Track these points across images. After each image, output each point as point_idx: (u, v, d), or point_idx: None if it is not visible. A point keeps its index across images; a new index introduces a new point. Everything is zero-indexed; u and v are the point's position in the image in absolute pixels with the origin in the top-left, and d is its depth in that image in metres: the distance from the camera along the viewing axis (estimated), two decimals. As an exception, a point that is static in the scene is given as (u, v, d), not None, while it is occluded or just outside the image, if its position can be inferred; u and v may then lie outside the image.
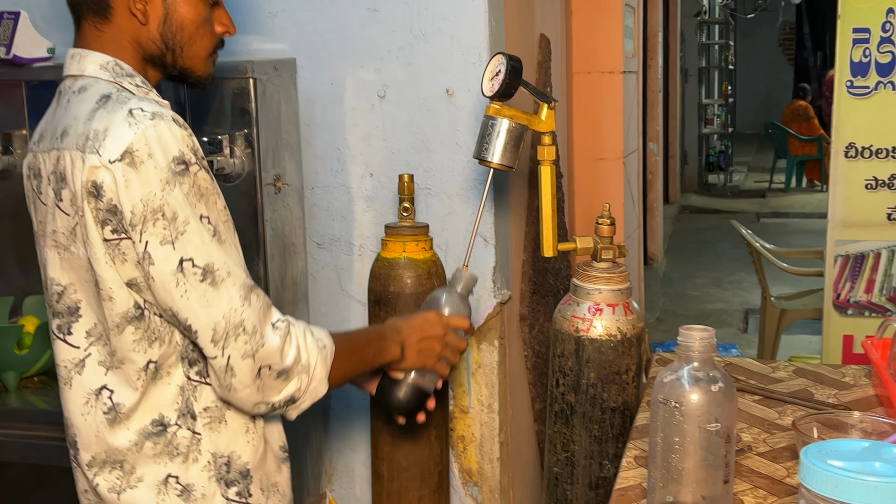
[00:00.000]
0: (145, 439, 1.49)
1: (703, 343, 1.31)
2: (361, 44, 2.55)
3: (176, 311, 1.40)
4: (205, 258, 1.39)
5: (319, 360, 1.49)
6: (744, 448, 1.68)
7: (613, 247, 1.98)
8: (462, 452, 2.64)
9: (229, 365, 1.41)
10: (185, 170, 1.38)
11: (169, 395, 1.49)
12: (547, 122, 1.85)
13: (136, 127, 1.37)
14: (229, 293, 1.40)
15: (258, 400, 1.45)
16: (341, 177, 2.62)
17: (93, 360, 1.50)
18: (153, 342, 1.46)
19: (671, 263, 8.51)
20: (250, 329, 1.41)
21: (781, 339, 5.16)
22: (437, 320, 1.76)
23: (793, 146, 11.97)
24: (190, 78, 1.58)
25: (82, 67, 1.50)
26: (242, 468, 1.55)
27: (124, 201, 1.36)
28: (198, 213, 1.39)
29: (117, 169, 1.36)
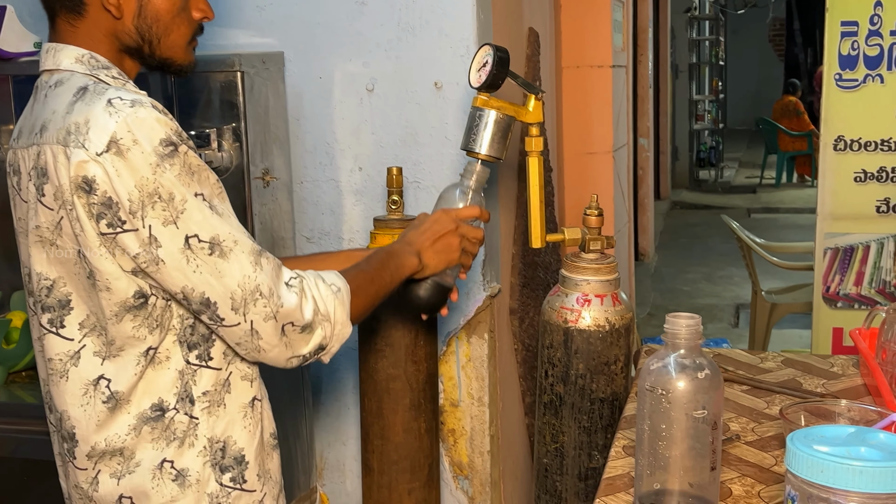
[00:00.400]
0: (143, 423, 1.50)
1: (690, 330, 1.31)
2: (349, 37, 2.54)
3: (192, 288, 1.41)
4: (209, 232, 1.41)
5: (337, 305, 1.52)
6: (732, 437, 1.69)
7: (601, 238, 1.98)
8: (452, 446, 2.64)
9: (254, 329, 1.45)
10: (173, 151, 1.39)
11: (168, 379, 1.50)
12: (535, 113, 1.85)
13: (118, 115, 1.37)
14: (240, 261, 1.42)
15: (290, 355, 1.49)
16: (330, 171, 2.61)
17: (88, 350, 1.50)
18: (154, 329, 1.47)
19: (662, 259, 8.52)
20: (266, 292, 1.44)
21: (773, 333, 5.18)
22: (445, 217, 1.77)
23: (783, 142, 12.00)
24: (171, 68, 1.58)
25: (58, 61, 1.51)
26: (238, 454, 1.56)
27: (119, 191, 1.36)
28: (192, 191, 1.40)
29: (106, 160, 1.36)
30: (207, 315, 1.45)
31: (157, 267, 1.41)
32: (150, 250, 1.39)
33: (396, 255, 1.71)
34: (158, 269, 1.41)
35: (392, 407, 2.23)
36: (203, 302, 1.43)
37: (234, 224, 1.46)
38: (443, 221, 1.77)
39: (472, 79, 1.82)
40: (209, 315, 1.44)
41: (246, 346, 1.47)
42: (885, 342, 1.83)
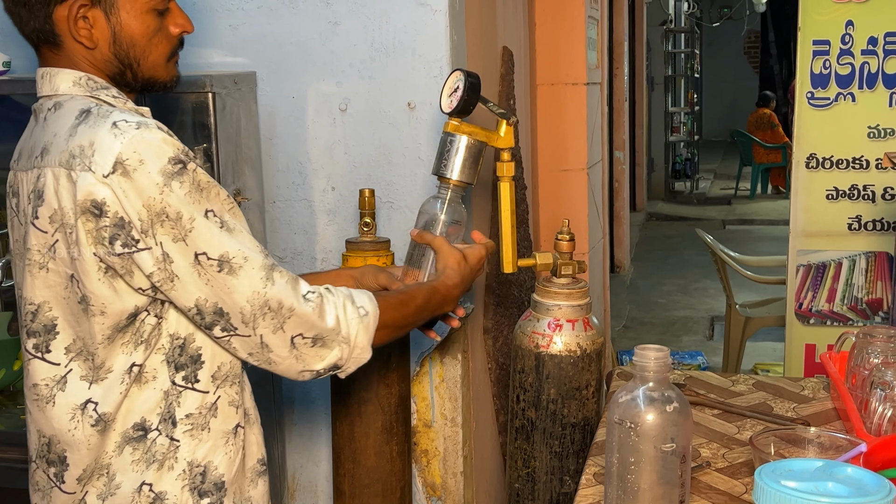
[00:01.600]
0: (126, 443, 1.49)
1: (658, 363, 1.31)
2: (322, 57, 2.54)
3: (205, 299, 1.42)
4: (218, 249, 1.41)
5: (361, 329, 1.52)
6: (702, 464, 1.69)
7: (573, 262, 1.98)
8: (426, 467, 2.63)
9: (263, 342, 1.46)
10: (182, 168, 1.39)
11: (152, 399, 1.49)
12: (506, 138, 1.85)
13: (123, 137, 1.38)
14: (249, 277, 1.43)
15: (301, 368, 1.49)
16: (303, 190, 2.60)
17: (74, 375, 1.49)
18: (139, 345, 1.47)
19: (638, 271, 8.55)
20: (276, 306, 1.44)
21: (747, 346, 5.21)
22: (485, 258, 1.80)
23: (758, 154, 12.08)
24: (155, 86, 1.58)
25: (55, 86, 1.51)
26: (217, 480, 1.54)
27: (129, 211, 1.37)
28: (202, 209, 1.40)
29: (113, 181, 1.36)
30: (221, 325, 1.45)
31: (172, 283, 1.41)
32: (166, 267, 1.40)
33: (444, 300, 1.71)
34: (174, 285, 1.41)
35: (363, 430, 2.21)
36: (217, 312, 1.43)
37: (246, 240, 1.46)
38: (484, 263, 1.81)
39: (443, 104, 1.82)
40: (223, 325, 1.45)
41: (258, 357, 1.48)
42: (855, 367, 1.84)
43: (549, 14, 3.66)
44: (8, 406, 2.20)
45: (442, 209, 1.81)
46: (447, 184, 1.81)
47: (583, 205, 3.80)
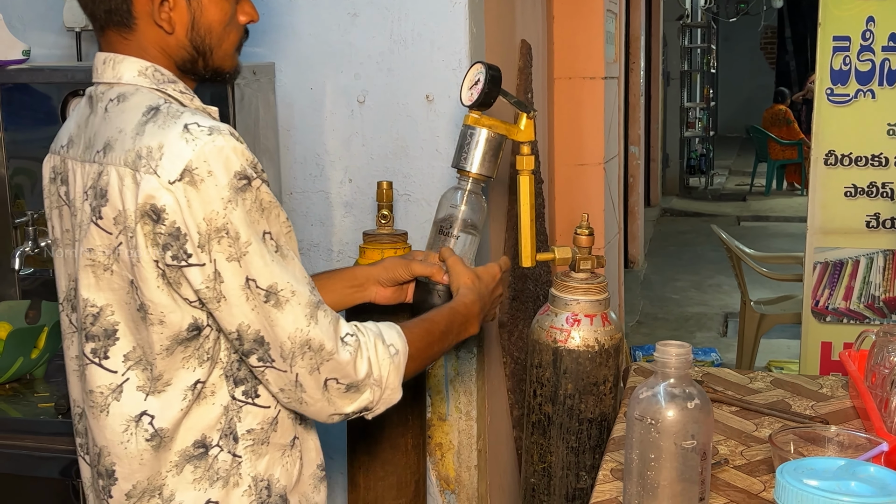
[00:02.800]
0: (186, 462, 1.43)
1: (680, 359, 1.30)
2: (341, 49, 2.53)
3: (248, 325, 1.35)
4: (267, 279, 1.34)
5: (392, 370, 1.46)
6: (720, 461, 1.68)
7: (592, 257, 1.97)
8: (440, 460, 2.63)
9: (298, 381, 1.39)
10: (247, 185, 1.33)
11: (212, 416, 1.43)
12: (526, 131, 1.84)
13: (194, 143, 1.31)
14: (294, 313, 1.36)
15: (331, 412, 1.43)
16: (320, 182, 2.60)
17: (131, 385, 1.42)
18: (204, 362, 1.41)
19: (652, 266, 8.53)
20: (316, 346, 1.38)
21: (761, 343, 5.19)
22: (500, 276, 1.75)
23: (773, 150, 12.03)
24: (221, 76, 1.52)
25: (118, 74, 1.43)
26: (282, 491, 1.50)
27: (189, 222, 1.30)
28: (260, 231, 1.34)
29: (178, 189, 1.30)
30: (258, 355, 1.38)
31: (218, 304, 1.35)
32: (215, 286, 1.33)
33: (465, 320, 1.65)
34: (219, 305, 1.35)
35: (378, 422, 2.20)
36: (257, 340, 1.37)
37: (297, 272, 1.39)
38: (500, 282, 1.75)
39: (463, 97, 1.81)
40: (260, 354, 1.38)
41: (289, 394, 1.41)
42: (875, 365, 1.83)
43: (568, 7, 3.64)
44: (25, 394, 2.20)
45: (462, 201, 1.80)
46: (467, 177, 1.80)
47: (599, 199, 3.79)
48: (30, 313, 2.36)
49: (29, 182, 2.44)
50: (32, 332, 2.21)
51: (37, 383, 2.27)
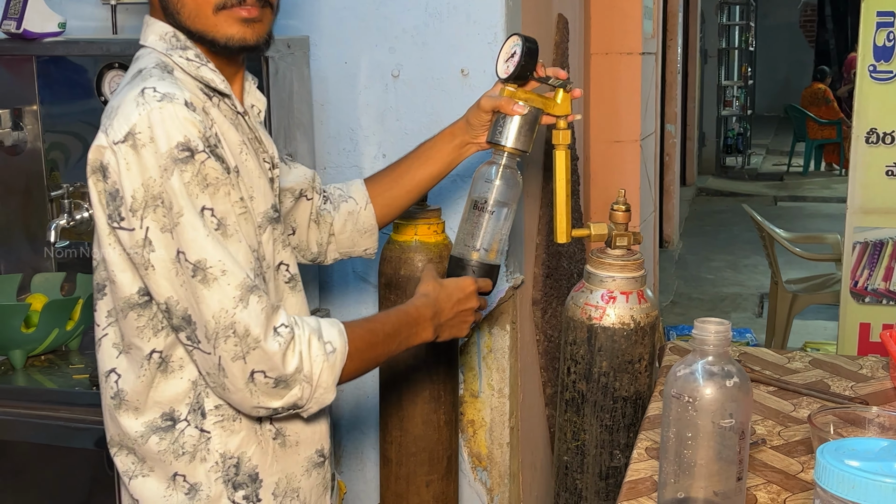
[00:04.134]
0: (152, 433, 1.46)
1: (719, 337, 1.27)
2: (376, 22, 2.51)
3: (177, 301, 1.34)
4: (197, 254, 1.32)
5: (325, 368, 1.39)
6: (758, 441, 1.65)
7: (628, 234, 1.94)
8: (472, 437, 2.62)
9: (220, 365, 1.35)
10: (189, 157, 1.31)
11: (180, 389, 1.45)
12: (563, 105, 1.81)
13: (143, 108, 1.32)
14: (221, 292, 1.32)
15: (255, 404, 1.38)
16: (354, 157, 2.58)
17: (108, 340, 1.47)
18: (159, 331, 1.41)
19: (687, 246, 8.46)
20: (241, 332, 1.33)
21: (797, 324, 5.12)
22: (472, 290, 1.69)
23: (812, 129, 11.87)
24: (216, 45, 1.42)
25: (146, 37, 1.47)
26: (251, 471, 1.49)
27: (125, 186, 1.32)
28: (199, 205, 1.32)
29: (120, 150, 1.32)
30: (186, 333, 1.36)
31: (146, 271, 1.35)
32: (143, 253, 1.33)
33: (416, 321, 1.59)
34: (147, 273, 1.35)
35: (411, 398, 2.20)
36: (185, 318, 1.35)
37: (238, 251, 1.35)
38: (469, 295, 1.68)
39: (499, 70, 1.78)
40: (188, 333, 1.36)
41: (214, 378, 1.38)
42: (917, 346, 1.79)
43: (605, -19, 3.60)
44: (60, 365, 2.22)
45: (496, 176, 1.77)
46: (501, 152, 1.78)
47: (635, 177, 3.74)
48: (65, 285, 2.37)
49: (64, 155, 2.44)
50: (67, 303, 2.22)
51: (72, 355, 2.29)
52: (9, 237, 2.49)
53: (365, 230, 1.86)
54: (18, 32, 2.33)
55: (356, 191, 1.87)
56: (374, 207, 1.86)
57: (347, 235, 1.85)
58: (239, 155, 1.45)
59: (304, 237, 1.80)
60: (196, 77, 1.44)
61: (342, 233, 1.84)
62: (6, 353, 2.18)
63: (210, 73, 1.45)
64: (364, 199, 1.86)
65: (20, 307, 2.17)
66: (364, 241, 1.88)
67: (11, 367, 2.18)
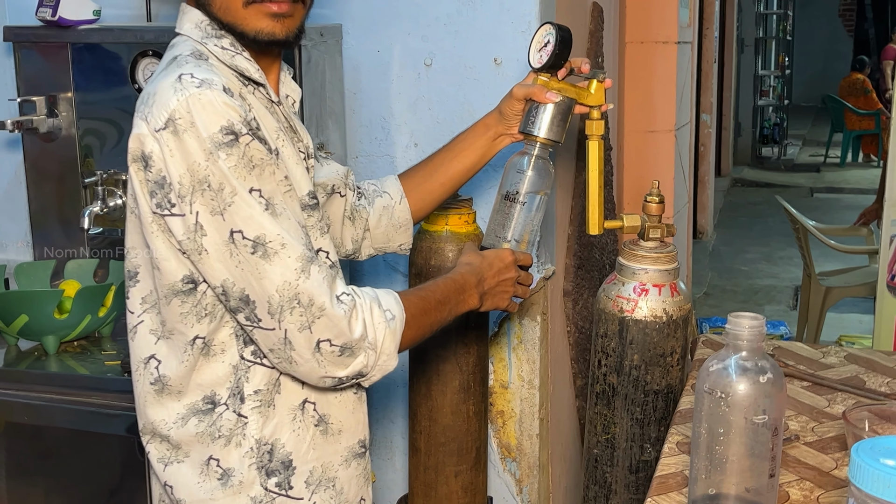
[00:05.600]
0: (192, 415, 1.47)
1: (753, 332, 1.25)
2: (408, 10, 2.49)
3: (233, 282, 1.35)
4: (255, 230, 1.33)
5: (388, 335, 1.43)
6: (791, 437, 1.63)
7: (661, 226, 1.92)
8: (501, 428, 2.61)
9: (287, 338, 1.37)
10: (234, 140, 1.32)
11: (222, 373, 1.45)
12: (596, 95, 1.79)
13: (181, 94, 1.32)
14: (283, 265, 1.34)
15: (322, 374, 1.40)
16: (385, 146, 2.58)
17: (145, 327, 1.48)
18: (202, 318, 1.43)
19: (721, 237, 8.39)
20: (306, 302, 1.35)
21: (832, 317, 5.06)
22: (511, 261, 1.69)
23: (850, 120, 11.72)
24: (245, 38, 1.43)
25: (181, 24, 1.48)
26: (285, 458, 1.49)
27: (172, 171, 1.32)
28: (247, 186, 1.33)
29: (162, 137, 1.32)
30: (245, 314, 1.38)
31: (199, 256, 1.36)
32: (195, 238, 1.34)
33: (461, 289, 1.61)
34: (201, 258, 1.36)
35: (440, 389, 2.20)
36: (242, 299, 1.36)
37: (290, 227, 1.37)
38: (509, 266, 1.69)
39: (531, 59, 1.77)
40: (246, 314, 1.37)
41: (279, 353, 1.40)
42: (956, 343, 1.76)
43: (641, -30, 3.56)
44: (93, 352, 2.23)
45: (528, 166, 1.76)
46: (534, 142, 1.76)
47: (669, 168, 3.71)
48: (98, 272, 2.39)
49: (98, 142, 2.45)
50: (100, 290, 2.23)
51: (104, 341, 2.30)
52: (43, 223, 2.51)
53: (400, 224, 1.86)
54: (54, 20, 2.34)
55: (391, 186, 1.87)
56: (409, 201, 1.86)
57: (382, 230, 1.85)
58: (276, 140, 1.46)
59: (337, 234, 1.80)
60: (231, 66, 1.45)
61: (377, 228, 1.84)
62: (40, 338, 2.20)
63: (245, 63, 1.45)
64: (399, 193, 1.85)
65: (53, 293, 2.19)
66: (399, 237, 1.88)
67: (45, 353, 2.20)
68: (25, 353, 2.23)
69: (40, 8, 2.36)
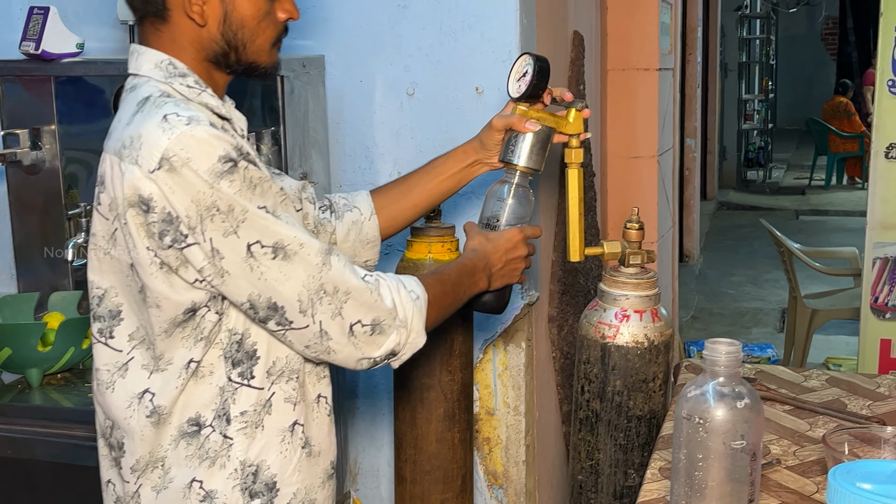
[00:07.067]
0: (181, 437, 1.47)
1: (730, 357, 1.27)
2: (391, 41, 2.52)
3: (259, 294, 1.40)
4: (272, 237, 1.39)
5: (415, 313, 1.50)
6: (772, 461, 1.64)
7: (642, 252, 1.94)
8: (487, 455, 2.62)
9: (322, 330, 1.43)
10: (233, 167, 1.36)
11: (208, 395, 1.47)
12: (575, 124, 1.81)
13: (171, 132, 1.35)
14: (305, 262, 1.40)
15: (360, 356, 1.47)
16: (369, 175, 2.59)
17: (136, 363, 1.48)
18: (199, 341, 1.45)
19: (707, 260, 8.42)
20: (331, 290, 1.42)
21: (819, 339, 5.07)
22: (518, 238, 1.74)
23: (833, 143, 11.80)
24: (256, 71, 1.55)
25: (138, 66, 1.49)
26: (269, 480, 1.50)
27: (177, 206, 1.35)
28: (255, 204, 1.38)
29: (159, 178, 1.34)
30: (276, 320, 1.42)
31: (222, 279, 1.39)
32: (215, 262, 1.38)
33: (472, 272, 1.68)
34: (224, 280, 1.39)
35: (425, 417, 2.20)
36: (271, 307, 1.41)
37: (300, 228, 1.44)
38: (517, 245, 1.74)
39: (510, 89, 1.78)
40: (277, 319, 1.42)
41: (315, 348, 1.45)
42: (935, 365, 1.78)
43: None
44: (76, 384, 2.23)
45: (509, 194, 1.77)
46: (514, 170, 1.78)
47: (652, 193, 3.73)
48: (82, 304, 2.39)
49: (82, 173, 2.47)
50: (84, 322, 2.23)
51: (88, 373, 2.30)
52: (27, 255, 2.51)
53: (368, 241, 1.89)
54: (37, 53, 2.36)
55: (361, 201, 1.89)
56: (378, 219, 1.89)
57: (350, 245, 1.87)
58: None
59: None
60: (198, 103, 1.47)
61: (344, 242, 1.86)
62: (23, 371, 2.20)
63: (211, 99, 1.49)
64: (369, 209, 1.88)
65: (37, 326, 2.19)
66: (366, 252, 1.90)
67: (28, 386, 2.20)
68: (8, 386, 2.22)
69: (24, 41, 2.37)
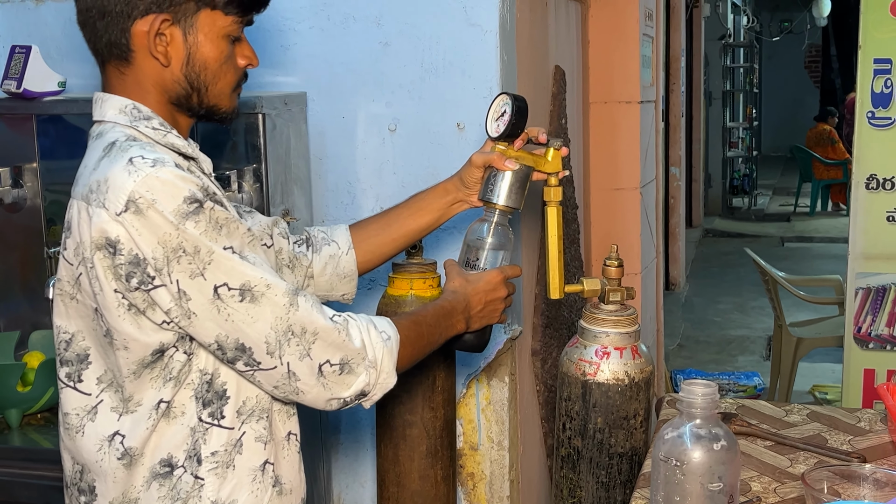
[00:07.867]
0: (153, 479, 1.47)
1: (706, 399, 1.27)
2: (373, 77, 2.54)
3: (226, 335, 1.40)
4: (239, 279, 1.39)
5: (385, 353, 1.50)
6: (753, 499, 1.64)
7: (621, 289, 1.94)
8: (472, 490, 2.61)
9: (290, 371, 1.43)
10: (198, 207, 1.37)
11: (180, 436, 1.47)
12: (553, 162, 1.82)
13: (136, 175, 1.36)
14: (272, 303, 1.41)
15: (329, 396, 1.46)
16: (352, 210, 2.60)
17: (105, 406, 1.48)
18: (168, 381, 1.44)
19: (693, 288, 8.43)
20: (299, 331, 1.42)
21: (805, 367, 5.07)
22: (497, 280, 1.75)
23: (818, 170, 11.88)
24: (216, 115, 1.57)
25: (103, 112, 1.50)
26: None
27: (143, 247, 1.35)
28: (220, 245, 1.38)
29: (126, 220, 1.35)
30: (244, 361, 1.42)
31: (189, 321, 1.39)
32: (182, 304, 1.38)
33: (450, 314, 1.68)
34: (191, 322, 1.39)
35: (408, 454, 2.20)
36: (238, 348, 1.41)
37: (267, 269, 1.44)
38: (497, 286, 1.75)
39: (489, 128, 1.79)
40: (245, 360, 1.42)
41: (284, 388, 1.45)
42: (914, 400, 1.78)
43: (603, 32, 3.63)
44: (56, 424, 2.21)
45: (488, 233, 1.78)
46: (493, 208, 1.78)
47: (636, 224, 3.75)
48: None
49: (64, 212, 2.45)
50: (65, 361, 2.22)
51: (68, 413, 2.28)
52: (7, 294, 2.50)
53: (345, 275, 1.89)
54: (19, 92, 2.36)
55: (340, 235, 1.90)
56: (356, 253, 1.89)
57: (327, 279, 1.87)
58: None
59: None
60: (165, 144, 1.49)
61: (321, 276, 1.86)
62: (2, 412, 2.18)
63: (177, 140, 1.50)
64: (347, 244, 1.88)
65: (16, 367, 2.18)
66: (343, 286, 1.90)
67: (7, 427, 2.18)
68: (-12, 427, 2.21)
69: (5, 80, 2.37)
